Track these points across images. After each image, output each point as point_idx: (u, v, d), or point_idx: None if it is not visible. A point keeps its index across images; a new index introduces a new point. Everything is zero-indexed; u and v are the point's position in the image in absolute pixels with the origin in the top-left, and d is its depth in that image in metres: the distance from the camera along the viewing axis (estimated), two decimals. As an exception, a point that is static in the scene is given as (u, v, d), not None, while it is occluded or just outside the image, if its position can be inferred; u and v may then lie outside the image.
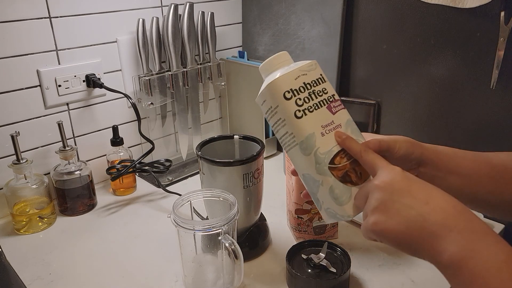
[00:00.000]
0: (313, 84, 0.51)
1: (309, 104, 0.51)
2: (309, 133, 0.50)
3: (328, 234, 0.77)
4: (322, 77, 0.52)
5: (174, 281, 0.69)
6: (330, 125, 0.51)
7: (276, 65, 0.53)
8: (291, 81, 0.51)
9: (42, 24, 0.85)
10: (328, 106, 0.51)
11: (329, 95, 0.52)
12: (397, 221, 0.43)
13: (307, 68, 0.52)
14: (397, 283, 0.67)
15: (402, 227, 0.43)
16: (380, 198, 0.44)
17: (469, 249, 0.39)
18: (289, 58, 0.54)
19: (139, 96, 1.00)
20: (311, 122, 0.50)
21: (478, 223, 0.41)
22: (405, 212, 0.43)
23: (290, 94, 0.50)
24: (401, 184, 0.44)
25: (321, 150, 0.50)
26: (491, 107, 0.80)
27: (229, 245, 0.60)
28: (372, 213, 0.45)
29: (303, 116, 0.50)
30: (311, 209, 0.74)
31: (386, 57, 0.92)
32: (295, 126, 0.50)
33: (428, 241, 0.41)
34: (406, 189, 0.44)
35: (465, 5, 0.75)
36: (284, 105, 0.50)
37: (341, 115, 0.52)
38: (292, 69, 0.51)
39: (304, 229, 0.76)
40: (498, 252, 0.38)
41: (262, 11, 1.10)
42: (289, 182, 0.76)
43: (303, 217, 0.75)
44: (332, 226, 0.77)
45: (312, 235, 0.76)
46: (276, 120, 0.52)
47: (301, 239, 0.75)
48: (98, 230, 0.84)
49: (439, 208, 0.42)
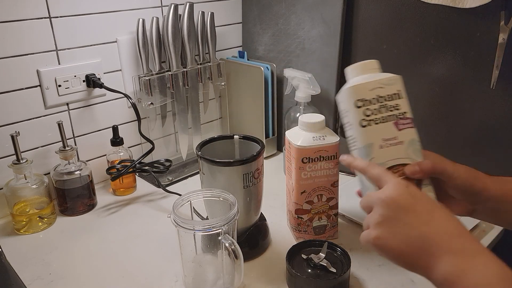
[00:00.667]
0: (387, 98, 0.53)
1: (377, 116, 0.53)
2: (368, 143, 0.53)
3: (328, 234, 0.77)
4: (399, 93, 0.54)
5: (174, 281, 0.69)
6: (392, 140, 0.53)
7: (361, 72, 0.55)
8: (366, 92, 0.53)
9: (42, 24, 0.85)
10: (395, 122, 0.53)
11: (400, 111, 0.53)
12: (399, 240, 0.46)
13: (386, 82, 0.54)
14: (397, 283, 0.67)
15: (403, 246, 0.45)
16: (384, 214, 0.47)
17: (461, 269, 0.42)
18: (377, 67, 0.56)
19: (139, 96, 1.00)
20: (373, 133, 0.53)
21: (473, 244, 0.44)
22: (407, 232, 0.45)
23: (361, 103, 0.53)
24: (406, 202, 0.46)
25: (376, 161, 0.52)
26: (491, 107, 0.80)
27: (229, 245, 0.60)
28: (375, 228, 0.47)
29: (367, 126, 0.53)
30: (311, 209, 0.75)
31: (386, 57, 0.92)
32: (358, 133, 0.54)
33: (425, 260, 0.44)
34: (411, 208, 0.46)
35: (465, 5, 0.75)
36: (353, 111, 0.54)
37: (407, 133, 0.53)
38: (371, 80, 0.54)
39: (304, 229, 0.76)
40: (487, 271, 0.41)
41: (262, 11, 1.10)
42: (289, 182, 0.76)
43: (303, 217, 0.75)
44: (332, 226, 0.77)
45: (312, 235, 0.76)
46: (345, 122, 0.56)
47: (301, 239, 0.75)
48: (98, 230, 0.84)
49: (439, 230, 0.45)
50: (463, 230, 0.45)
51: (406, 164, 0.52)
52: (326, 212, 0.75)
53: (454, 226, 0.45)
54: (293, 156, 0.72)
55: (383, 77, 0.54)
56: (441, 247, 0.43)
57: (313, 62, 1.02)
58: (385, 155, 0.52)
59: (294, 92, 0.98)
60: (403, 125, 0.53)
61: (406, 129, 0.53)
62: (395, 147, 0.53)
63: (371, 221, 0.48)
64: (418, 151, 0.54)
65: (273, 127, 1.12)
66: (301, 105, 0.98)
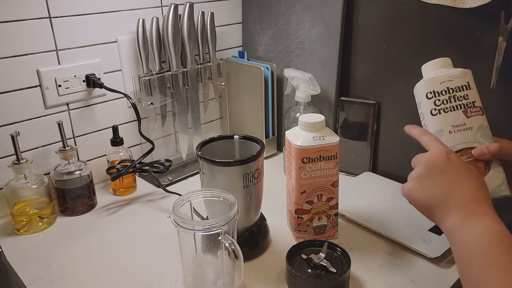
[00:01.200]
0: (456, 89, 0.60)
1: (446, 105, 0.60)
2: (437, 129, 0.60)
3: (328, 234, 0.77)
4: (468, 85, 0.61)
5: (174, 281, 0.69)
6: (461, 126, 0.60)
7: (434, 68, 0.63)
8: (436, 84, 0.61)
9: (42, 24, 0.85)
10: (464, 110, 0.60)
11: (469, 100, 0.60)
12: (425, 194, 0.56)
13: (455, 75, 0.61)
14: (397, 283, 0.67)
15: (428, 198, 0.56)
16: (420, 172, 0.57)
17: (465, 222, 0.52)
18: (449, 64, 0.63)
19: (139, 96, 1.00)
20: (442, 121, 0.60)
21: (482, 207, 0.53)
22: (434, 189, 0.55)
23: (431, 95, 0.61)
24: (441, 165, 0.56)
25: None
26: (491, 107, 0.79)
27: (229, 245, 0.60)
28: (411, 181, 0.58)
29: (437, 115, 0.61)
30: (311, 209, 0.75)
31: (386, 57, 0.92)
32: (429, 121, 0.61)
33: (441, 212, 0.54)
34: (443, 171, 0.55)
35: (465, 5, 0.75)
36: (425, 102, 0.62)
37: (475, 120, 0.60)
38: (441, 74, 0.61)
39: (304, 229, 0.76)
40: (484, 227, 0.51)
41: (262, 11, 1.10)
42: (289, 182, 0.76)
43: (303, 217, 0.75)
44: (332, 226, 0.77)
45: (312, 235, 0.76)
46: (420, 113, 0.64)
47: (301, 239, 0.75)
48: (98, 230, 0.84)
49: (459, 193, 0.54)
50: (479, 195, 0.54)
51: (474, 147, 0.59)
52: (326, 212, 0.75)
53: (473, 191, 0.54)
54: (293, 156, 0.72)
55: (452, 71, 0.61)
56: (455, 205, 0.53)
57: (313, 62, 1.02)
58: (454, 139, 0.59)
59: (294, 92, 0.98)
60: (472, 112, 0.60)
61: (474, 117, 0.60)
62: (464, 132, 0.59)
63: (411, 175, 0.59)
64: (487, 136, 0.60)
65: (273, 127, 1.12)
66: (301, 105, 0.98)
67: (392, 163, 0.99)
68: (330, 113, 1.02)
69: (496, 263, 0.48)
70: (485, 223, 0.51)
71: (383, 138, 0.99)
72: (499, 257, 0.48)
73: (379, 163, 1.01)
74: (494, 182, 0.59)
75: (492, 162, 0.59)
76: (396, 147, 0.97)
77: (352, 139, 1.01)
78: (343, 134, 1.01)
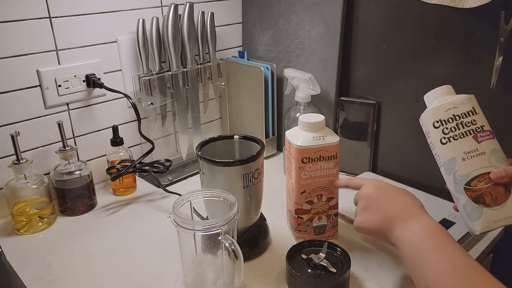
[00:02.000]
0: (462, 115, 0.60)
1: (455, 133, 0.60)
2: (450, 157, 0.60)
3: (328, 234, 0.77)
4: (473, 110, 0.60)
5: (174, 281, 0.69)
6: (473, 152, 0.58)
7: (436, 97, 0.63)
8: (442, 113, 0.61)
9: (42, 24, 0.85)
10: (474, 135, 0.59)
11: (477, 125, 0.59)
12: (373, 221, 0.64)
13: (459, 102, 0.60)
14: (397, 283, 0.67)
15: (376, 224, 0.63)
16: (362, 205, 0.66)
17: (405, 226, 0.59)
18: (451, 91, 0.63)
19: (139, 96, 1.00)
20: (454, 149, 0.59)
21: (418, 210, 0.61)
22: (377, 214, 0.63)
23: (438, 124, 0.61)
24: (375, 194, 0.65)
25: (460, 173, 0.59)
26: (491, 107, 0.80)
27: (229, 245, 0.60)
28: (358, 215, 0.66)
29: (448, 143, 0.60)
30: (311, 209, 0.75)
31: (386, 57, 0.92)
32: (440, 150, 0.61)
33: (389, 230, 0.61)
34: (377, 197, 0.65)
35: (465, 5, 0.75)
36: (433, 132, 0.61)
37: (487, 144, 0.59)
38: (445, 102, 0.61)
39: (304, 229, 0.76)
40: (422, 223, 0.58)
41: (262, 11, 1.10)
42: (289, 182, 0.76)
43: (303, 217, 0.75)
44: (332, 226, 0.77)
45: (312, 235, 0.76)
46: (429, 143, 0.63)
47: (301, 239, 0.75)
48: (98, 230, 0.84)
49: (396, 208, 0.62)
50: (411, 203, 0.62)
51: (490, 171, 0.57)
52: (326, 212, 0.75)
53: (405, 203, 0.63)
54: (293, 156, 0.72)
55: (456, 98, 0.61)
56: (396, 219, 0.61)
57: (313, 62, 1.02)
58: (468, 166, 0.58)
59: (294, 92, 0.98)
60: (482, 137, 0.58)
61: (485, 141, 0.58)
62: (477, 158, 0.58)
63: (356, 211, 0.67)
64: (502, 159, 0.58)
65: (273, 127, 1.12)
66: (301, 105, 0.98)
67: (392, 163, 0.99)
68: (330, 113, 1.02)
69: (436, 248, 0.54)
70: (423, 221, 0.58)
71: (383, 138, 0.99)
72: (439, 243, 0.54)
73: (379, 163, 1.01)
74: None
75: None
76: (396, 147, 0.97)
77: (352, 139, 1.01)
78: (343, 134, 1.01)
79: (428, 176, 0.92)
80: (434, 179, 0.90)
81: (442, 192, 0.90)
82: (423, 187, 0.92)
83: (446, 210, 0.83)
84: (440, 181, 0.63)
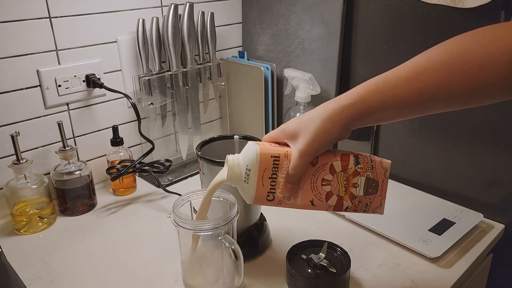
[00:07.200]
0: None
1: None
2: None
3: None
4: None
5: (174, 281, 0.69)
6: None
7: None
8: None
9: (42, 24, 0.85)
10: None
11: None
12: (308, 137, 0.57)
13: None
14: (397, 283, 0.67)
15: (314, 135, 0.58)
16: (290, 141, 0.58)
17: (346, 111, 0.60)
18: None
19: (139, 96, 1.00)
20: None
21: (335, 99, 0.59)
22: (307, 132, 0.58)
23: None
24: (294, 121, 0.58)
25: None
26: (491, 107, 0.80)
27: (229, 245, 0.60)
28: (294, 151, 0.56)
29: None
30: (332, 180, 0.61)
31: (386, 57, 0.92)
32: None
33: (334, 124, 0.60)
34: (298, 120, 0.58)
35: (465, 5, 0.75)
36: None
37: None
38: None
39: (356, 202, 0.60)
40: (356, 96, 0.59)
41: (262, 11, 1.10)
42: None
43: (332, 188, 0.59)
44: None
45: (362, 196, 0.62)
46: None
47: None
48: (98, 230, 0.84)
49: (315, 111, 0.59)
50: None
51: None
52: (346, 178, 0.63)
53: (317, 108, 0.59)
54: None
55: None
56: (326, 110, 0.59)
57: (313, 62, 1.02)
58: None
59: (294, 92, 0.98)
60: None
61: None
62: None
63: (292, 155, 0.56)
64: None
65: (273, 127, 1.12)
66: (301, 105, 0.98)
67: (392, 163, 0.99)
68: (330, 113, 1.02)
69: (387, 80, 0.58)
70: (348, 93, 0.58)
71: (383, 138, 0.99)
72: (384, 80, 0.58)
73: (379, 163, 1.01)
74: None
75: None
76: (396, 147, 0.97)
77: (352, 139, 1.01)
78: (343, 134, 1.01)
79: (428, 176, 0.92)
80: (434, 179, 0.90)
81: (442, 192, 0.90)
82: (423, 187, 0.92)
83: (446, 210, 0.83)
84: (440, 181, 0.62)
